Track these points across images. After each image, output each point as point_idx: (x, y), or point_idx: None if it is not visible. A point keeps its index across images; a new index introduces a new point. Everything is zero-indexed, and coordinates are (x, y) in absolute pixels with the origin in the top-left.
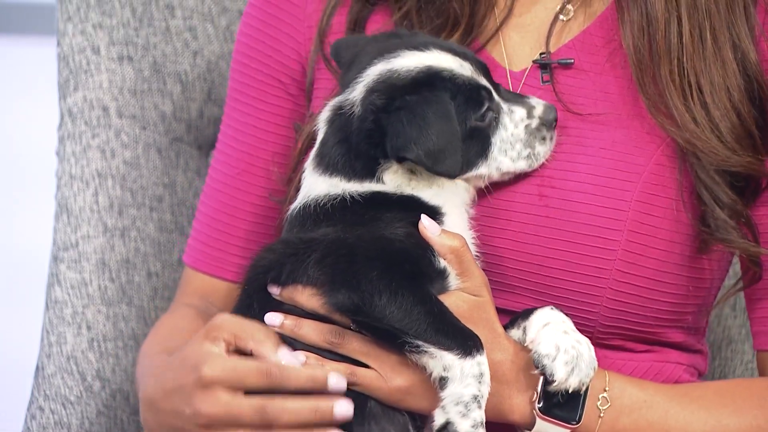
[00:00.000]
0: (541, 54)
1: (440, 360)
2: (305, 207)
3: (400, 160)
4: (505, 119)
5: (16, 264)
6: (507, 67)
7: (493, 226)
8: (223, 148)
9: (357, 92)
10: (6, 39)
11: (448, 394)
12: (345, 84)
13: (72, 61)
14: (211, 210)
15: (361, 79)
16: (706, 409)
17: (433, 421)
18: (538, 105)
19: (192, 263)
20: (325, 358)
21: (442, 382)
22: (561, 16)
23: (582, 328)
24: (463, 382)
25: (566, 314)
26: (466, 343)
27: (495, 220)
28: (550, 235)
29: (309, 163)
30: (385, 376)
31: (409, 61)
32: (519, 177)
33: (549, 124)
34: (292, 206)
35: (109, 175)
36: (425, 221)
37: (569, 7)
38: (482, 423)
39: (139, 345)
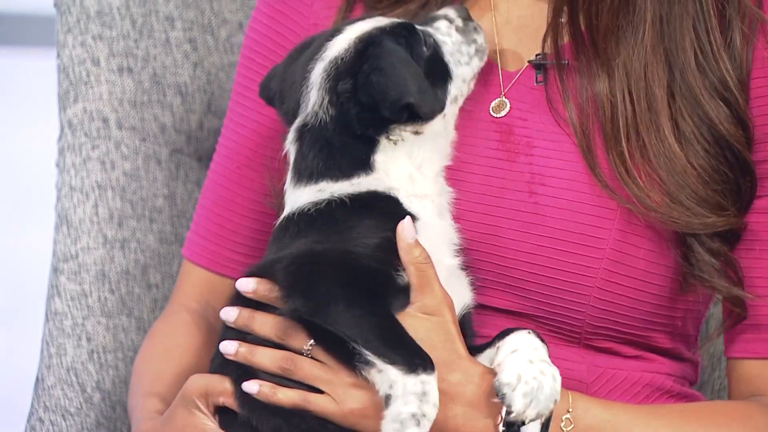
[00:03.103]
0: (536, 55)
1: (386, 375)
2: (288, 218)
3: (401, 116)
4: (439, 36)
5: (16, 275)
6: (500, 67)
7: (484, 223)
8: (225, 142)
9: (313, 101)
10: (6, 50)
11: (389, 413)
12: (288, 112)
13: (72, 73)
14: (211, 203)
15: (308, 90)
16: (671, 428)
17: None
18: (448, 11)
19: (189, 256)
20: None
21: (388, 400)
22: (561, 19)
23: (570, 327)
24: (404, 399)
25: (548, 311)
26: (412, 360)
27: (485, 216)
28: (539, 232)
29: (288, 183)
30: (338, 399)
31: (340, 44)
32: (508, 172)
33: (466, 15)
34: (278, 221)
35: (109, 186)
36: (406, 225)
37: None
38: None
39: None
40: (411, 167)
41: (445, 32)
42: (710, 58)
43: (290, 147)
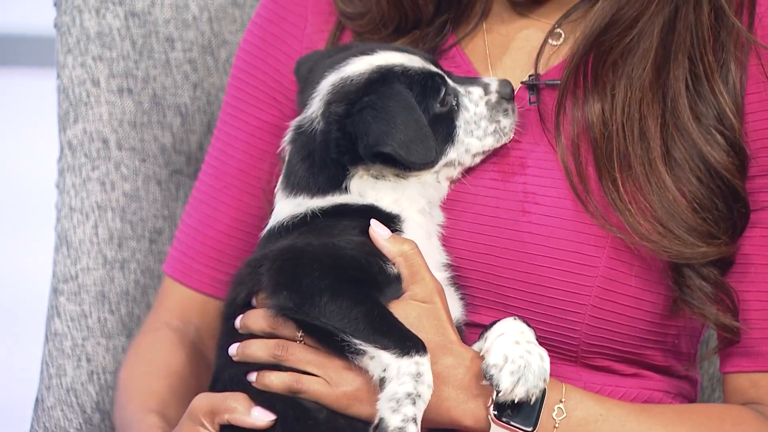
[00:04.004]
0: (529, 76)
1: (378, 360)
2: (270, 230)
3: (375, 159)
4: (464, 100)
5: (16, 296)
6: None
7: (478, 242)
8: (211, 161)
9: (314, 107)
10: (5, 70)
11: (384, 393)
12: (302, 102)
13: (72, 94)
14: (194, 221)
15: (315, 94)
16: (663, 426)
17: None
18: (492, 81)
19: (170, 272)
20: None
21: (382, 383)
22: (550, 41)
23: (566, 345)
24: (399, 380)
25: (543, 330)
26: (404, 343)
27: (479, 235)
28: (532, 251)
29: (278, 186)
30: (331, 381)
31: (359, 66)
32: (502, 192)
33: (508, 96)
34: (263, 232)
35: (108, 207)
36: (374, 226)
37: (559, 30)
38: (414, 419)
39: None
40: (391, 198)
41: (474, 100)
42: (704, 86)
43: (286, 146)
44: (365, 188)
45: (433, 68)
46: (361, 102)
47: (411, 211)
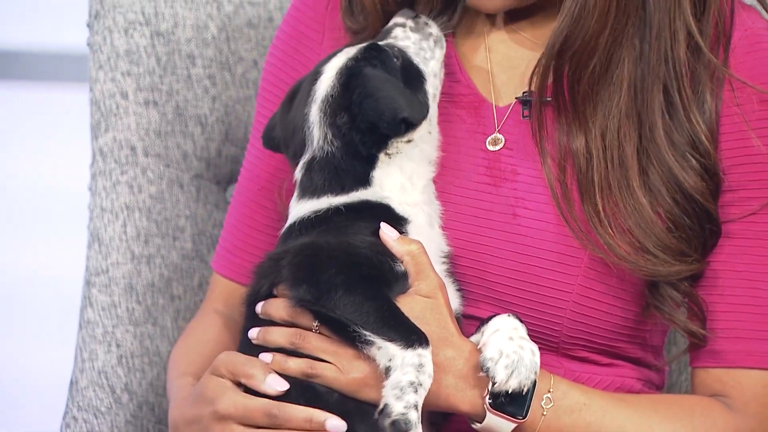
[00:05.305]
0: (524, 92)
1: (385, 351)
2: (291, 226)
3: (399, 129)
4: (399, 43)
5: (54, 288)
6: (494, 103)
7: (472, 241)
8: (246, 166)
9: (316, 138)
10: (44, 85)
11: (389, 381)
12: (296, 153)
13: (103, 105)
14: (235, 221)
15: (310, 130)
16: (640, 415)
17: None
18: (396, 19)
19: (218, 269)
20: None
21: (387, 371)
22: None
23: (549, 337)
24: (403, 370)
25: (529, 323)
26: (409, 336)
27: (473, 235)
28: (521, 251)
29: (293, 200)
30: (342, 369)
31: (325, 84)
32: (495, 197)
33: (414, 15)
34: (282, 230)
35: (136, 207)
36: (384, 228)
37: None
38: (415, 406)
39: (163, 361)
40: (403, 178)
41: (403, 37)
42: (680, 115)
43: (298, 175)
44: (383, 175)
45: (365, 43)
46: (353, 101)
47: (416, 193)
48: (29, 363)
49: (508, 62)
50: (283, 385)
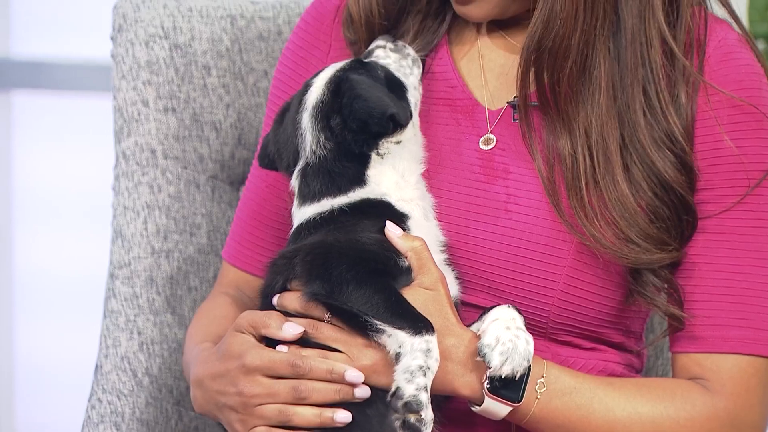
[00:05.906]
0: (514, 97)
1: (395, 338)
2: (299, 227)
3: (389, 127)
4: (381, 62)
5: (80, 280)
6: (486, 107)
7: (466, 234)
8: (257, 165)
9: (309, 144)
10: (70, 94)
11: (399, 366)
12: (289, 164)
13: (125, 112)
14: (245, 215)
15: (303, 137)
16: (626, 397)
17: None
18: (377, 41)
19: (228, 258)
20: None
21: (397, 357)
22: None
23: (536, 323)
24: (412, 355)
25: (521, 311)
26: (416, 324)
27: (467, 229)
28: (513, 243)
29: (294, 207)
30: (353, 357)
31: (315, 93)
32: (489, 193)
33: (393, 39)
34: (290, 233)
35: (156, 206)
36: (389, 226)
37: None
38: (426, 388)
39: (180, 348)
40: (396, 176)
41: (384, 56)
42: (658, 114)
43: (295, 183)
44: (378, 174)
45: (351, 59)
46: (344, 104)
47: (410, 189)
48: (59, 349)
49: (499, 69)
50: (297, 329)
